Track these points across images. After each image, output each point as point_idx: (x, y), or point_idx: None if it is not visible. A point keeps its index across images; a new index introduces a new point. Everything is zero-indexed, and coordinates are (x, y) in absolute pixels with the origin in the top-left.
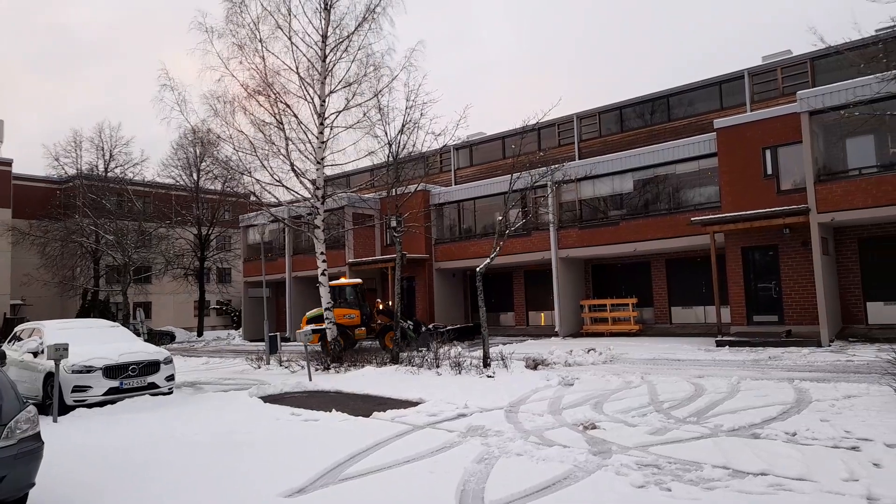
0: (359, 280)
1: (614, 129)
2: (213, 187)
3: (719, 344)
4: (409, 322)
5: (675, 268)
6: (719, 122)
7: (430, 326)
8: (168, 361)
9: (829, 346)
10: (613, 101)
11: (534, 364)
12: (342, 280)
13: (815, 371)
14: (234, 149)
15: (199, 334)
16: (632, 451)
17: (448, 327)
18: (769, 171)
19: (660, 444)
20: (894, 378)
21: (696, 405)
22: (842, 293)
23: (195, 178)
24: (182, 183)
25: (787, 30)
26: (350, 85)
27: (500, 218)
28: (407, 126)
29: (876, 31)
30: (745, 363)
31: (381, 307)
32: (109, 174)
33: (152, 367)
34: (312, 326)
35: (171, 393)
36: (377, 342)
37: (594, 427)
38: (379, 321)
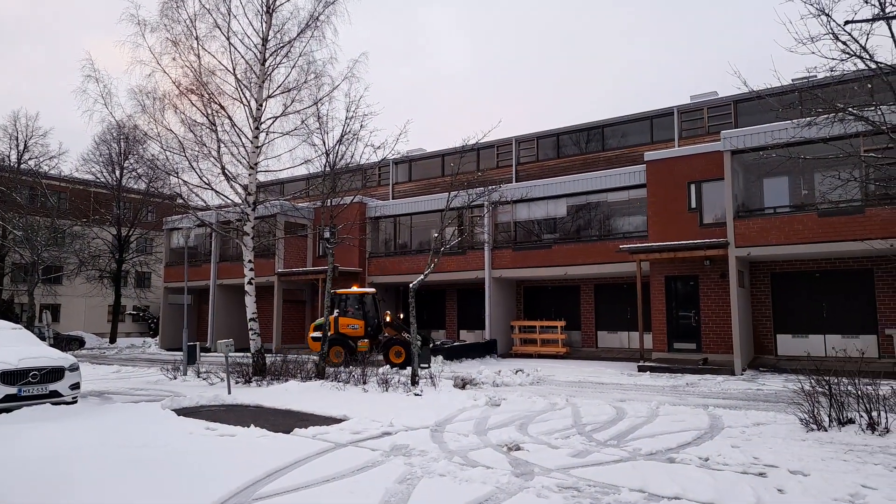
0: (372, 290)
1: (551, 154)
2: (136, 186)
3: (641, 369)
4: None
5: (603, 293)
6: (649, 155)
7: (440, 342)
8: (74, 368)
9: (742, 374)
10: (551, 127)
11: (462, 383)
12: (354, 288)
13: (728, 398)
14: (162, 147)
15: (112, 341)
16: (554, 474)
17: (456, 343)
18: (693, 205)
19: (581, 466)
20: (799, 408)
21: (618, 428)
22: (755, 325)
23: (117, 175)
24: (103, 180)
25: (714, 74)
26: (289, 91)
27: (437, 235)
28: (346, 137)
29: (793, 80)
30: (665, 389)
31: (388, 319)
32: (23, 166)
33: (56, 373)
34: (316, 334)
35: (75, 402)
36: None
37: (518, 448)
38: (385, 333)
